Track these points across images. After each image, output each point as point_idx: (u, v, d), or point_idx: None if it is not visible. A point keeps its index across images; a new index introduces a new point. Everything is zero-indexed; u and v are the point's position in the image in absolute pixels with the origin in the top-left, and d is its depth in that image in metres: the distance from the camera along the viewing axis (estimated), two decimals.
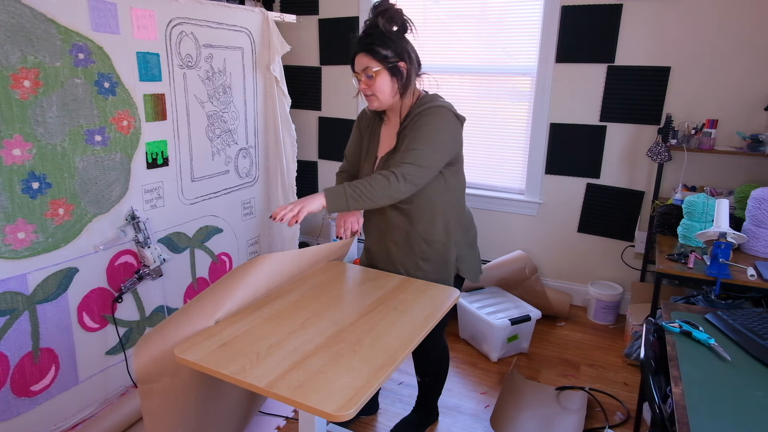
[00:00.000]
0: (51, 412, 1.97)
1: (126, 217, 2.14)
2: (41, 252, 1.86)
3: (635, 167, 3.03)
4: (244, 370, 1.18)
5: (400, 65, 1.61)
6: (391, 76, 1.61)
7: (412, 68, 1.64)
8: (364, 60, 1.59)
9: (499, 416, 2.19)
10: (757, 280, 1.95)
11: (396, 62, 1.60)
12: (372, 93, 1.63)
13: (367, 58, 1.59)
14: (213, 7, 2.42)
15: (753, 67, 2.68)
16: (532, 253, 3.37)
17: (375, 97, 1.64)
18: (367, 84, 1.62)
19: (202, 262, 2.59)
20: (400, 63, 1.61)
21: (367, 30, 1.60)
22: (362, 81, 1.62)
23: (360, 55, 1.60)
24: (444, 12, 3.33)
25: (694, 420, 1.09)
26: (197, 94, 2.42)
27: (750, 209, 2.21)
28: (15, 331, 1.82)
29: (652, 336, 1.63)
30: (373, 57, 1.58)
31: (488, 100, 3.32)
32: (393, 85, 1.63)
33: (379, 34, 1.57)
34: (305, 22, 3.66)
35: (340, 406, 1.07)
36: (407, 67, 1.62)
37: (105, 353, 2.15)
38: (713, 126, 2.70)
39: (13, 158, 1.73)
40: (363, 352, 1.28)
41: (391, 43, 1.58)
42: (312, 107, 3.85)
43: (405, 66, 1.61)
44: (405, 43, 1.62)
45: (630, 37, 2.88)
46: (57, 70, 1.81)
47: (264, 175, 2.96)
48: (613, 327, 3.07)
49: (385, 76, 1.61)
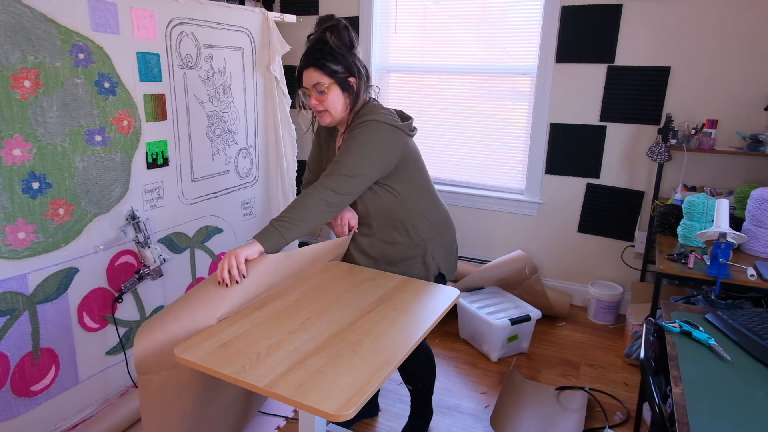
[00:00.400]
0: (51, 412, 1.97)
1: (126, 217, 2.14)
2: (41, 252, 1.86)
3: (635, 167, 3.03)
4: (244, 370, 1.18)
5: (350, 80, 1.62)
6: (342, 91, 1.61)
7: (362, 83, 1.64)
8: (314, 75, 1.58)
9: (499, 416, 2.19)
10: (757, 280, 1.95)
11: (346, 77, 1.61)
12: (324, 108, 1.62)
13: (318, 73, 1.58)
14: (213, 7, 2.42)
15: (753, 67, 2.68)
16: (532, 253, 3.37)
17: (327, 112, 1.64)
18: (318, 99, 1.61)
19: (202, 262, 2.59)
20: (350, 78, 1.61)
21: (315, 45, 1.59)
22: (312, 96, 1.61)
23: (309, 70, 1.59)
24: (444, 12, 3.33)
25: (694, 420, 1.09)
26: (197, 94, 2.42)
27: (750, 209, 2.21)
28: (15, 331, 1.82)
29: (652, 336, 1.63)
30: (323, 72, 1.58)
31: (488, 100, 3.32)
32: (344, 100, 1.63)
33: (329, 50, 1.57)
34: (305, 22, 3.65)
35: (340, 405, 1.07)
36: (357, 83, 1.63)
37: (105, 353, 2.15)
38: (713, 126, 2.70)
39: (14, 158, 1.73)
40: (363, 352, 1.28)
41: (342, 58, 1.59)
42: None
43: (355, 81, 1.62)
44: (354, 58, 1.62)
45: (630, 37, 2.88)
46: (57, 70, 1.81)
47: (264, 175, 2.96)
48: (613, 327, 3.07)
49: (336, 91, 1.60)
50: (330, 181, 1.55)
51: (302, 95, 1.65)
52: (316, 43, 1.59)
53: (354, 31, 1.64)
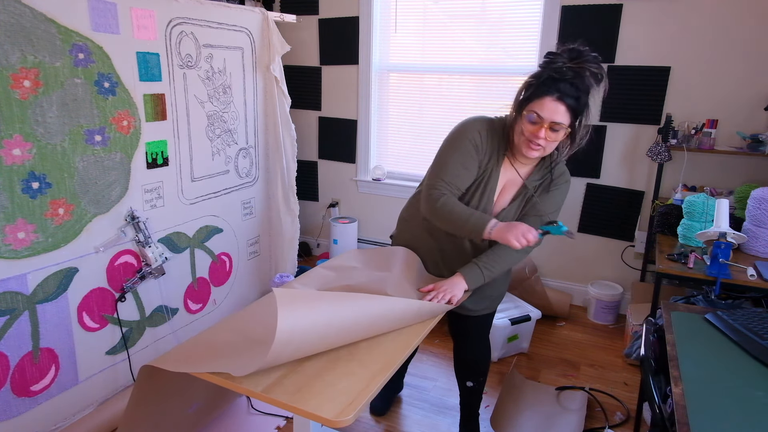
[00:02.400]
0: (51, 412, 1.97)
1: (125, 218, 2.13)
2: (41, 252, 1.86)
3: (635, 167, 3.03)
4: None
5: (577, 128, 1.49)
6: (567, 137, 1.49)
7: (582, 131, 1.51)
8: (560, 112, 1.40)
9: (499, 416, 2.19)
10: (757, 280, 1.95)
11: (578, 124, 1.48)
12: (545, 146, 1.46)
13: (567, 114, 1.41)
14: (213, 7, 2.42)
15: (753, 67, 2.68)
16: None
17: (544, 150, 1.48)
18: (548, 137, 1.44)
19: (202, 262, 2.59)
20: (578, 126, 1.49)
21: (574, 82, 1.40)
22: (544, 128, 1.43)
23: (558, 104, 1.40)
24: (444, 12, 3.33)
25: (694, 420, 1.09)
26: (197, 94, 2.42)
27: (750, 209, 2.21)
28: (15, 331, 1.82)
29: (652, 336, 1.63)
30: (572, 115, 1.42)
31: (488, 100, 3.32)
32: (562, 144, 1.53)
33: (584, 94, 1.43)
34: (305, 22, 3.65)
35: (340, 411, 1.05)
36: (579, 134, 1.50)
37: (105, 353, 2.15)
38: (713, 126, 2.70)
39: (13, 158, 1.73)
40: (360, 355, 1.26)
41: (587, 111, 1.46)
42: (312, 107, 3.85)
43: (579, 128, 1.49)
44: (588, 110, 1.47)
45: (630, 37, 2.88)
46: (57, 70, 1.81)
47: (264, 175, 2.96)
48: (613, 327, 3.07)
49: (564, 135, 1.47)
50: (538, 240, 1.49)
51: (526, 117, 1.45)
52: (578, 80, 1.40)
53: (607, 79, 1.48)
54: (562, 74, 1.40)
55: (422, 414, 2.26)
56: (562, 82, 1.40)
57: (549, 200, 1.61)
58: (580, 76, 1.41)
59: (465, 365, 1.98)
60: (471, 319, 1.82)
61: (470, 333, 1.89)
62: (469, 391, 2.00)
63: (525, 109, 1.46)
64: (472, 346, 1.92)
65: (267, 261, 3.10)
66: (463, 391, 2.02)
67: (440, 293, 1.53)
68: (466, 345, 1.93)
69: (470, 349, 1.93)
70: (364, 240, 3.86)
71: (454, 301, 1.54)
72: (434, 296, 1.54)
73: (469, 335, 1.89)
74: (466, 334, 1.89)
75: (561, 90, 1.39)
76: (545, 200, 1.61)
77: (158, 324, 2.38)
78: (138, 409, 1.39)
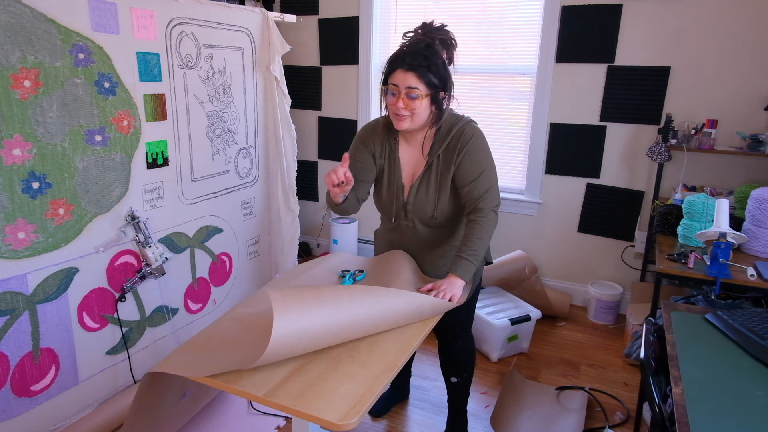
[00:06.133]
0: (51, 411, 1.97)
1: (126, 218, 2.14)
2: (41, 252, 1.86)
3: (635, 167, 3.03)
4: (241, 378, 1.15)
5: (442, 95, 1.58)
6: (430, 103, 1.57)
7: (449, 100, 1.61)
8: (411, 79, 1.51)
9: (499, 416, 2.19)
10: (757, 280, 1.95)
11: (439, 91, 1.56)
12: (408, 114, 1.56)
13: (417, 80, 1.51)
14: (213, 7, 2.42)
15: (753, 67, 2.68)
16: (532, 253, 3.37)
17: (409, 118, 1.57)
18: (407, 104, 1.54)
19: (202, 262, 2.59)
20: (441, 93, 1.57)
21: (423, 50, 1.52)
22: (401, 98, 1.53)
23: (408, 73, 1.51)
24: (444, 12, 3.33)
25: (694, 420, 1.09)
26: (197, 94, 2.42)
27: (750, 209, 2.21)
28: (15, 331, 1.82)
29: (652, 336, 1.63)
30: (423, 81, 1.52)
31: (488, 100, 3.32)
32: (430, 112, 1.59)
33: (436, 62, 1.53)
34: (305, 22, 3.66)
35: (343, 414, 1.05)
36: (446, 98, 1.59)
37: (105, 353, 2.15)
38: (713, 126, 2.70)
39: (14, 158, 1.73)
40: (361, 357, 1.25)
41: (443, 73, 1.55)
42: (312, 107, 3.85)
43: (444, 96, 1.59)
44: (449, 74, 1.59)
45: (630, 37, 2.88)
46: (57, 70, 1.81)
47: (264, 175, 2.96)
48: (613, 327, 3.07)
49: (426, 101, 1.55)
50: (490, 199, 1.61)
51: (386, 92, 1.57)
52: (425, 49, 1.52)
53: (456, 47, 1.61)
54: (412, 46, 1.54)
55: (422, 414, 2.26)
56: (410, 54, 1.52)
57: (466, 163, 1.61)
58: (429, 46, 1.53)
59: (447, 360, 1.99)
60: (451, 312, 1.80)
61: (451, 326, 1.88)
62: (453, 386, 2.01)
63: (385, 85, 1.58)
64: (455, 340, 1.93)
65: (267, 261, 3.10)
66: (447, 386, 2.04)
67: (440, 292, 1.53)
68: (447, 339, 1.94)
69: (452, 344, 1.94)
70: (364, 240, 3.86)
71: (455, 300, 1.55)
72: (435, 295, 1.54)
73: (449, 329, 1.90)
74: (447, 328, 1.89)
75: (409, 61, 1.51)
76: (463, 165, 1.62)
77: (158, 324, 2.38)
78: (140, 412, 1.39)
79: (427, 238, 1.76)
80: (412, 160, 1.71)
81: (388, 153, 1.72)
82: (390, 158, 1.72)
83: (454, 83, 1.61)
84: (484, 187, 1.61)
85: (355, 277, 1.67)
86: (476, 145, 1.61)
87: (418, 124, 1.59)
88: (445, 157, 1.64)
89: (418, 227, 1.74)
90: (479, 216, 1.60)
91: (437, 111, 1.59)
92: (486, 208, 1.61)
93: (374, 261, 1.81)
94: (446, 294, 1.54)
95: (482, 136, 1.65)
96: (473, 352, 2.00)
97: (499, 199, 1.66)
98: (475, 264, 1.60)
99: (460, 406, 2.06)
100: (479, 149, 1.62)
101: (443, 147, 1.64)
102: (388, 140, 1.72)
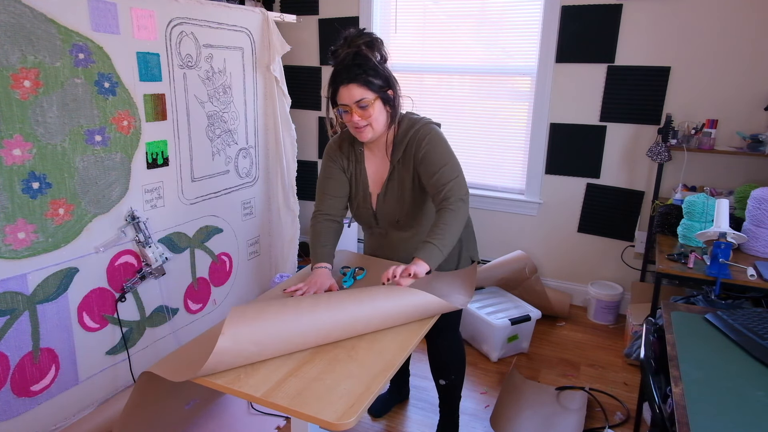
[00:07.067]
0: (51, 412, 1.97)
1: (126, 218, 2.14)
2: (41, 252, 1.86)
3: (635, 167, 3.03)
4: (239, 379, 1.16)
5: (389, 93, 1.60)
6: (383, 105, 1.59)
7: (397, 95, 1.63)
8: (356, 91, 1.53)
9: (499, 416, 2.19)
10: (757, 280, 1.95)
11: (386, 90, 1.58)
12: (367, 123, 1.58)
13: (361, 89, 1.53)
14: (213, 7, 2.42)
15: (753, 67, 2.68)
16: (532, 253, 3.37)
17: (369, 127, 1.59)
18: (362, 115, 1.56)
19: (202, 262, 2.59)
20: (389, 91, 1.59)
21: (353, 60, 1.54)
22: (354, 113, 1.56)
23: (350, 87, 1.53)
24: (444, 12, 3.33)
25: (694, 420, 1.09)
26: (197, 94, 2.42)
27: (750, 209, 2.21)
28: (15, 331, 1.82)
29: (652, 336, 1.63)
30: (367, 87, 1.53)
31: (488, 100, 3.32)
32: (386, 113, 1.61)
33: (370, 64, 1.54)
34: (305, 22, 3.66)
35: (341, 414, 1.05)
36: (394, 95, 1.61)
37: (105, 353, 2.15)
38: (713, 126, 2.70)
39: (13, 158, 1.73)
40: (359, 357, 1.25)
41: (380, 72, 1.56)
42: (312, 107, 3.85)
43: (393, 93, 1.61)
44: (388, 71, 1.60)
45: (630, 37, 2.88)
46: (57, 70, 1.81)
47: (264, 175, 2.96)
48: (613, 327, 3.07)
49: (379, 105, 1.57)
50: (457, 188, 1.57)
51: (339, 113, 1.60)
52: (355, 58, 1.54)
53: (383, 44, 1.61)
54: (343, 62, 1.55)
55: (422, 414, 2.26)
56: (344, 69, 1.54)
57: (427, 160, 1.61)
58: (358, 55, 1.54)
59: (433, 361, 1.98)
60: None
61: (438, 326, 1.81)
62: (441, 389, 2.00)
63: (334, 107, 1.61)
64: (441, 342, 1.91)
65: (267, 261, 3.10)
66: (437, 389, 2.02)
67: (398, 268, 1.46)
68: (433, 340, 1.93)
69: (439, 345, 1.92)
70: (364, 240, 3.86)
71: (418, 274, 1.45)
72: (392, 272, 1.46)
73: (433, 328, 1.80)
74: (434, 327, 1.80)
75: (346, 75, 1.53)
76: (424, 163, 1.61)
77: (158, 324, 2.38)
78: (135, 411, 1.39)
79: (401, 241, 1.77)
80: (378, 168, 1.73)
81: (355, 164, 1.75)
82: (357, 169, 1.75)
83: (397, 79, 1.63)
84: (449, 177, 1.58)
85: (355, 276, 1.67)
86: (433, 143, 1.61)
87: (379, 129, 1.61)
88: (405, 160, 1.66)
89: (391, 233, 1.78)
90: (446, 204, 1.56)
91: (392, 110, 1.61)
92: (453, 197, 1.56)
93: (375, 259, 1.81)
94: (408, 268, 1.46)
95: (439, 134, 1.65)
96: (461, 354, 1.97)
97: (467, 189, 1.61)
98: (440, 249, 1.51)
99: (449, 409, 2.03)
100: (437, 145, 1.61)
101: (402, 151, 1.65)
102: (353, 152, 1.74)
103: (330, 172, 1.76)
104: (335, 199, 1.74)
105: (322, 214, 1.74)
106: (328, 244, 1.69)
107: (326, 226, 1.73)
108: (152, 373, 1.23)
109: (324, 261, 1.63)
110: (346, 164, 1.75)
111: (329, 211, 1.74)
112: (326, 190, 1.75)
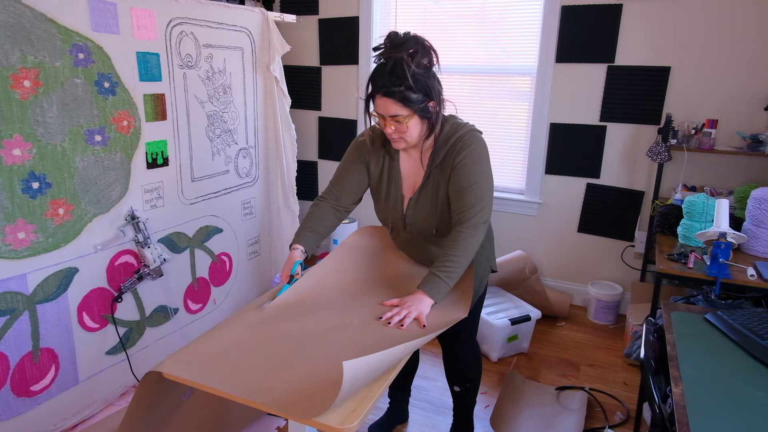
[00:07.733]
0: (51, 412, 1.97)
1: (125, 218, 2.13)
2: (41, 252, 1.86)
3: (635, 167, 3.03)
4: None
5: (430, 105, 1.48)
6: (420, 119, 1.48)
7: (440, 105, 1.51)
8: (390, 106, 1.44)
9: (499, 416, 2.19)
10: (757, 280, 1.95)
11: (425, 104, 1.46)
12: (400, 137, 1.50)
13: (395, 105, 1.43)
14: (213, 7, 2.42)
15: (753, 67, 2.68)
16: (532, 253, 3.37)
17: (405, 140, 1.51)
18: (395, 128, 1.48)
19: (202, 262, 2.59)
20: (430, 103, 1.47)
21: (393, 69, 1.41)
22: (388, 124, 1.48)
23: (386, 100, 1.44)
24: (444, 12, 3.33)
25: (694, 420, 1.09)
26: (197, 94, 2.42)
27: (750, 209, 2.21)
28: (15, 331, 1.82)
29: (652, 336, 1.63)
30: (402, 104, 1.43)
31: (488, 100, 3.32)
32: (423, 126, 1.51)
33: (409, 79, 1.41)
34: (305, 22, 3.65)
35: (344, 418, 1.04)
36: (435, 107, 1.49)
37: (105, 353, 2.15)
38: (713, 126, 2.70)
39: (13, 158, 1.73)
40: None
41: (421, 85, 1.43)
42: (312, 107, 3.85)
43: (434, 105, 1.48)
44: (432, 80, 1.47)
45: (630, 37, 2.88)
46: (57, 70, 1.81)
47: (264, 175, 2.96)
48: (613, 327, 3.07)
49: (415, 119, 1.47)
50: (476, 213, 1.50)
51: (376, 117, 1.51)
52: (394, 68, 1.41)
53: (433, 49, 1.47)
54: (381, 69, 1.44)
55: (422, 414, 2.26)
56: (381, 77, 1.43)
57: (459, 171, 1.52)
58: (397, 64, 1.41)
59: (451, 369, 1.92)
60: None
61: (454, 335, 1.77)
62: (456, 395, 1.96)
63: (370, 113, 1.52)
64: (458, 350, 1.85)
65: (267, 261, 3.10)
66: (452, 395, 1.98)
67: (404, 309, 1.42)
68: (451, 349, 1.87)
69: (456, 353, 1.86)
70: None
71: (423, 319, 1.42)
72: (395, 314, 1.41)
73: (453, 337, 1.81)
74: (451, 336, 1.78)
75: (383, 85, 1.43)
76: (456, 173, 1.52)
77: (158, 324, 2.38)
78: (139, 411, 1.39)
79: (429, 249, 1.70)
80: (414, 170, 1.64)
81: (388, 164, 1.66)
82: (390, 167, 1.66)
83: (441, 87, 1.51)
84: (473, 200, 1.51)
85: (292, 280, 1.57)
86: (473, 156, 1.52)
87: (413, 141, 1.53)
88: (443, 167, 1.56)
89: (418, 239, 1.70)
90: (462, 228, 1.49)
91: (430, 122, 1.52)
92: (469, 221, 1.49)
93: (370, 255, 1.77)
94: (410, 315, 1.41)
95: (482, 147, 1.55)
96: (479, 361, 1.91)
97: (488, 216, 1.54)
98: (446, 282, 1.46)
99: (464, 415, 2.00)
100: (476, 160, 1.53)
101: (441, 157, 1.55)
102: (387, 151, 1.65)
103: (350, 165, 1.69)
104: (344, 193, 1.70)
105: (323, 199, 1.71)
106: (313, 226, 1.65)
107: (322, 209, 1.68)
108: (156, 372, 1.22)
109: (299, 243, 1.60)
110: (374, 162, 1.67)
111: (331, 198, 1.70)
112: (340, 182, 1.70)
